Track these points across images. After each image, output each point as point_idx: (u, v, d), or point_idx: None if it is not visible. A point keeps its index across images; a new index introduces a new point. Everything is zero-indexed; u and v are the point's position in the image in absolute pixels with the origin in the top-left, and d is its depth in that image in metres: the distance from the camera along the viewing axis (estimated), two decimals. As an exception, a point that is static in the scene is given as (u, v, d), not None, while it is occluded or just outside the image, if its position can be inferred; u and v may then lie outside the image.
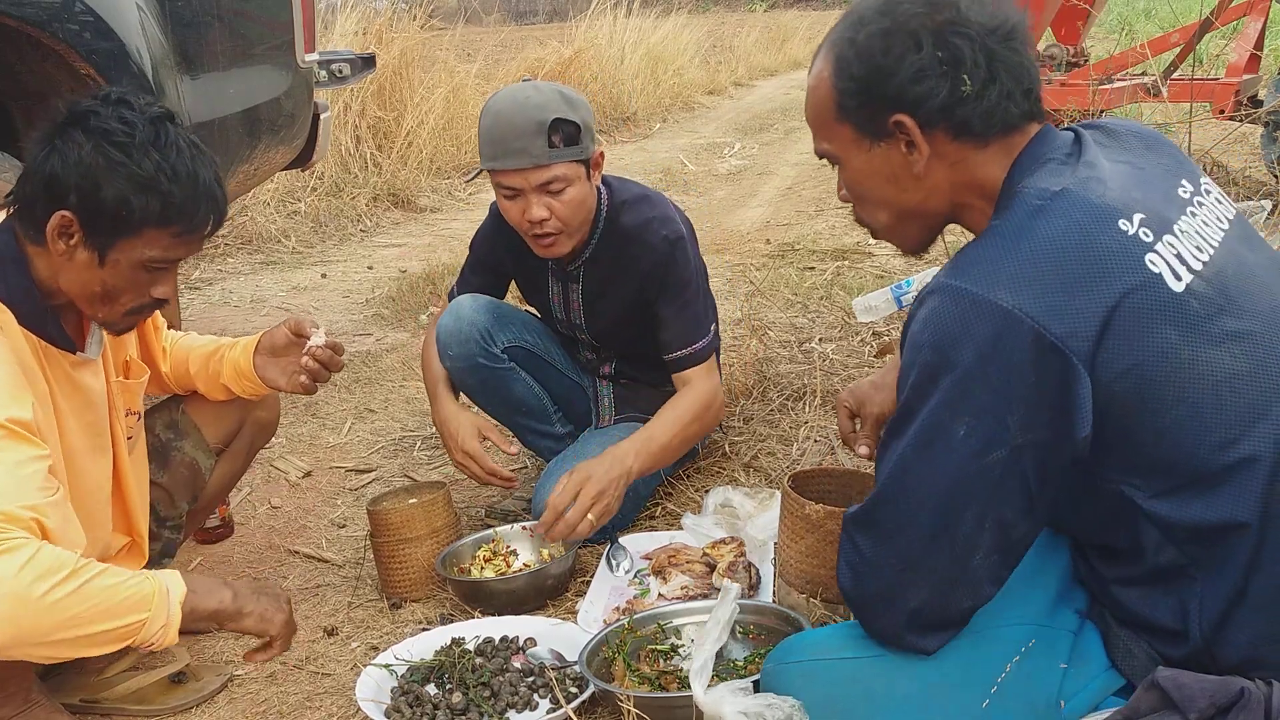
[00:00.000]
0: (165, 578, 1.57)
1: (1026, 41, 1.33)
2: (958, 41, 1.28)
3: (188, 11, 2.59)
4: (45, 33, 2.21)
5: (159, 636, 1.54)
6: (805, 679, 1.42)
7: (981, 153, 1.33)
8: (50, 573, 1.40)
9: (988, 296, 1.20)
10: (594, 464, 2.11)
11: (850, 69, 1.33)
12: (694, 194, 6.74)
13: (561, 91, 2.20)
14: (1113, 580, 1.34)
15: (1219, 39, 5.76)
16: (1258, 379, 1.22)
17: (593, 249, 2.34)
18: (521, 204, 2.18)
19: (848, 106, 1.35)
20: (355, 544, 2.48)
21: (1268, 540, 1.21)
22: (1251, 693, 1.15)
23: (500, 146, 2.14)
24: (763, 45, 14.33)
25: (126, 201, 1.56)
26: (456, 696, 1.77)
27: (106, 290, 1.64)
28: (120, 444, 1.86)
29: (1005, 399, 1.21)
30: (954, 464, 1.24)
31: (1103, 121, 1.47)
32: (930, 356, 1.24)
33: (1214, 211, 1.36)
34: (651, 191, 2.41)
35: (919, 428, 1.26)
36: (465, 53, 8.58)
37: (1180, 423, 1.21)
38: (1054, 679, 1.33)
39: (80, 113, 1.59)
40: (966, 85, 1.28)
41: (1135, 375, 1.20)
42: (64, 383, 1.70)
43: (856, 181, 1.41)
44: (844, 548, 1.37)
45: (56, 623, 1.42)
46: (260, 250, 5.39)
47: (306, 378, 1.97)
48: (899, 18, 1.30)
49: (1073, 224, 1.24)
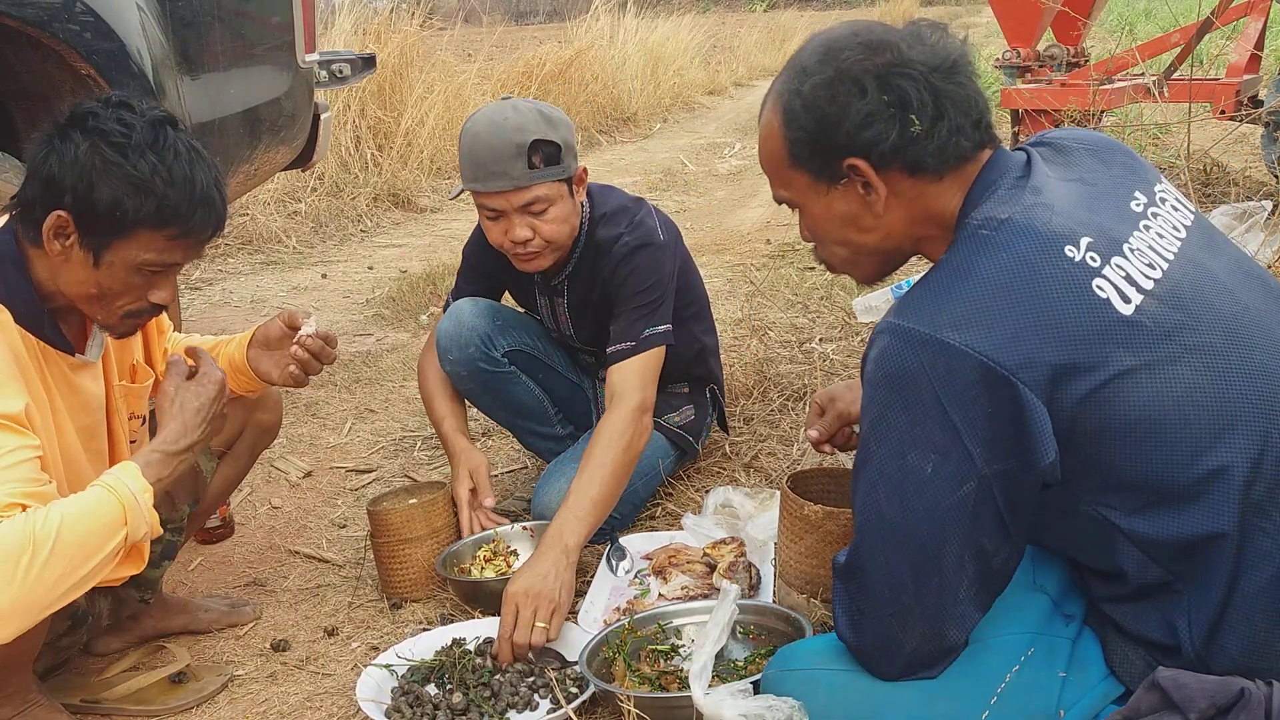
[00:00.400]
0: (121, 479, 1.57)
1: (971, 73, 1.34)
2: (902, 83, 1.30)
3: (188, 12, 2.59)
4: (46, 33, 2.21)
5: (146, 536, 1.58)
6: (806, 687, 1.42)
7: (937, 185, 1.35)
8: (19, 552, 1.41)
9: (935, 335, 1.22)
10: (525, 573, 1.94)
11: (799, 120, 1.34)
12: (694, 194, 6.74)
13: (541, 110, 2.19)
14: (1101, 599, 1.35)
15: (1219, 39, 5.76)
16: (1221, 391, 1.23)
17: (575, 263, 2.34)
18: (504, 225, 2.18)
19: (800, 155, 1.37)
20: (356, 544, 2.48)
21: (1247, 547, 1.22)
22: (1252, 693, 1.15)
23: (481, 169, 2.14)
24: (763, 45, 14.32)
25: (120, 202, 1.56)
26: (457, 697, 1.77)
27: (102, 292, 1.63)
28: (122, 447, 1.86)
29: (965, 433, 1.22)
30: (928, 502, 1.25)
31: (1053, 136, 1.48)
32: (886, 396, 1.26)
33: (1170, 220, 1.36)
34: (632, 202, 2.38)
35: (887, 472, 1.28)
36: (465, 53, 8.58)
37: (1147, 441, 1.22)
38: (1053, 688, 1.33)
39: (81, 114, 1.59)
40: (915, 125, 1.30)
41: (1095, 401, 1.21)
42: (61, 384, 1.69)
43: (817, 225, 1.43)
44: (839, 597, 1.38)
45: (49, 587, 1.44)
46: (261, 250, 5.39)
47: (296, 368, 1.96)
48: (841, 65, 1.31)
49: (1016, 257, 1.25)
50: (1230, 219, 3.16)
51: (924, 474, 1.25)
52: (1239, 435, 1.22)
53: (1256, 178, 4.98)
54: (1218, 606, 1.23)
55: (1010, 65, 5.21)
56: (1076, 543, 1.33)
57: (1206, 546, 1.23)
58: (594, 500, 2.05)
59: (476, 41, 8.97)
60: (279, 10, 3.06)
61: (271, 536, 2.55)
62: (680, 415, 2.52)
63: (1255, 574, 1.22)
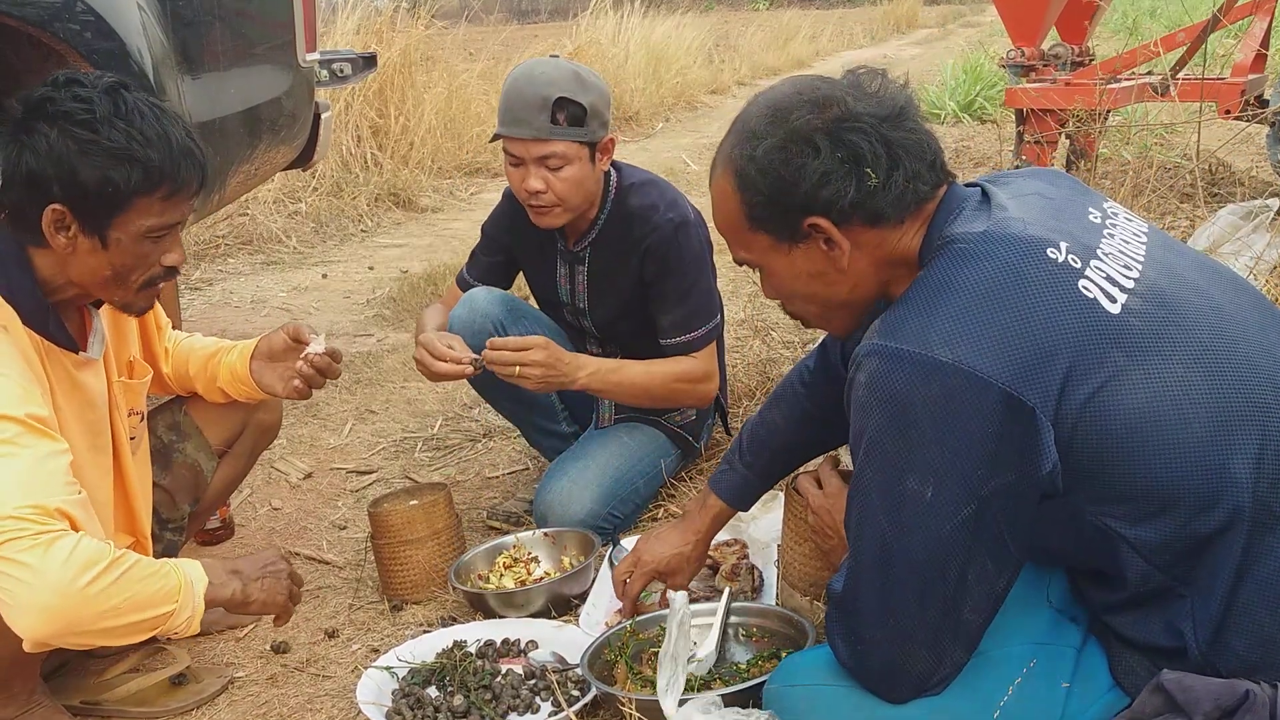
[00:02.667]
0: (188, 569, 1.59)
1: (918, 117, 1.34)
2: (853, 137, 1.29)
3: (189, 11, 2.58)
4: (46, 32, 2.20)
5: (184, 627, 1.56)
6: (809, 703, 1.41)
7: (898, 230, 1.35)
8: (91, 564, 1.42)
9: (927, 354, 1.20)
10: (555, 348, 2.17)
11: (755, 184, 1.34)
12: (697, 194, 6.71)
13: (579, 72, 2.22)
14: (1103, 609, 1.34)
15: (1225, 38, 5.74)
16: (1215, 388, 1.22)
17: (599, 230, 2.35)
18: (522, 172, 2.22)
19: (759, 218, 1.36)
20: (356, 546, 2.48)
21: (1251, 545, 1.21)
22: (1256, 695, 1.15)
23: (508, 114, 2.20)
24: (766, 44, 14.30)
25: (108, 178, 1.56)
26: (458, 699, 1.76)
27: (116, 272, 1.64)
28: (123, 444, 1.85)
29: (964, 453, 1.20)
30: (930, 527, 1.23)
31: (994, 175, 1.49)
32: (880, 421, 1.24)
33: (1126, 229, 1.36)
34: (661, 179, 2.43)
35: (886, 499, 1.25)
36: (468, 52, 8.57)
37: (1149, 443, 1.20)
38: (1056, 700, 1.32)
39: (36, 103, 1.57)
40: (872, 178, 1.30)
41: (1094, 405, 1.19)
42: (65, 382, 1.69)
43: (782, 284, 1.43)
44: (838, 627, 1.35)
45: (96, 613, 1.44)
46: (261, 250, 5.38)
47: (301, 383, 1.97)
48: (791, 125, 1.31)
49: (999, 263, 1.24)
50: (1236, 219, 3.15)
51: (924, 499, 1.22)
52: (1238, 431, 1.21)
53: (1262, 177, 4.96)
54: (1222, 606, 1.22)
55: (1015, 64, 5.19)
56: (1078, 554, 1.31)
57: (1212, 547, 1.22)
58: (619, 382, 2.26)
59: (479, 40, 8.96)
60: (280, 9, 3.05)
61: (272, 538, 2.55)
62: (681, 415, 2.51)
63: (1260, 571, 1.22)
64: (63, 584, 1.39)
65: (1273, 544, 1.21)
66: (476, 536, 2.46)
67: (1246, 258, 2.94)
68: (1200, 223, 3.48)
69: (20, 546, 1.38)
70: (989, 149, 6.57)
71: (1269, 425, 1.22)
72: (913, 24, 20.47)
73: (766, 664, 1.74)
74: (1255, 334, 1.28)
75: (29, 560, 1.38)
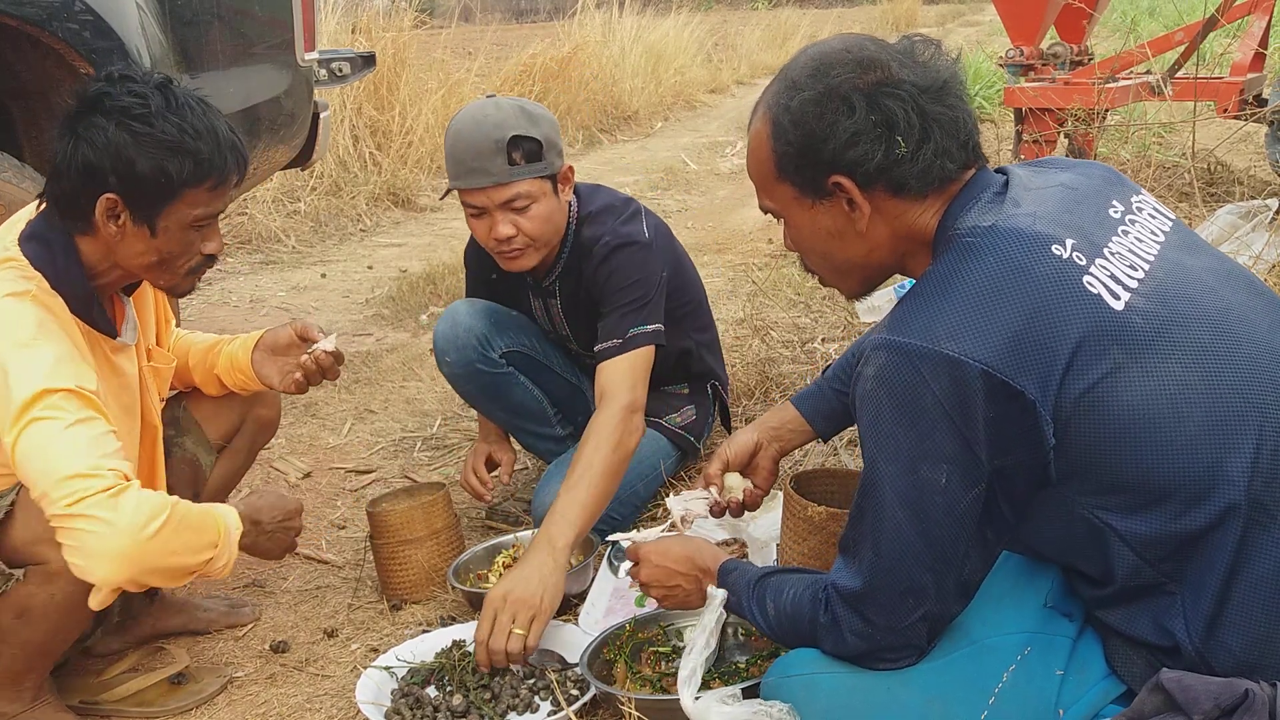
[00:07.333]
0: (226, 516, 1.67)
1: (961, 94, 1.35)
2: (890, 103, 1.30)
3: (188, 10, 2.58)
4: (45, 31, 2.21)
5: (221, 571, 1.64)
6: (806, 692, 1.43)
7: (920, 204, 1.36)
8: (156, 513, 1.52)
9: (934, 348, 1.22)
10: (507, 577, 1.90)
11: (786, 134, 1.35)
12: (696, 193, 6.73)
13: (523, 107, 2.17)
14: (1093, 603, 1.35)
15: (1223, 36, 5.75)
16: (1212, 387, 1.23)
17: (564, 263, 2.33)
18: (488, 222, 2.17)
19: (787, 169, 1.38)
20: (355, 545, 2.48)
21: (1245, 543, 1.22)
22: (1256, 694, 1.15)
23: (462, 166, 2.13)
24: (765, 43, 14.29)
25: (163, 169, 1.63)
26: (457, 699, 1.76)
27: (163, 258, 1.71)
28: (155, 425, 1.92)
29: (973, 439, 1.23)
30: (945, 510, 1.27)
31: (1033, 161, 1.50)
32: (891, 413, 1.27)
33: (1147, 226, 1.38)
34: (620, 201, 2.36)
35: (900, 488, 1.28)
36: (465, 51, 8.56)
37: (1142, 439, 1.22)
38: (1051, 687, 1.33)
39: (93, 98, 1.64)
40: (901, 147, 1.31)
41: (1090, 399, 1.21)
42: (104, 366, 1.75)
43: (801, 237, 1.45)
44: (846, 623, 1.36)
45: (160, 556, 1.53)
46: (260, 250, 5.38)
47: (300, 376, 2.00)
48: (831, 81, 1.32)
49: (1004, 258, 1.26)
50: (1235, 218, 3.16)
51: (938, 485, 1.26)
52: (1233, 430, 1.22)
53: (1261, 177, 4.96)
54: (1216, 603, 1.23)
55: (1013, 63, 5.19)
56: (1070, 548, 1.33)
57: (1204, 543, 1.23)
58: (582, 502, 1.99)
59: (477, 39, 8.95)
60: (279, 9, 3.05)
61: (271, 537, 2.54)
62: (681, 415, 2.51)
63: (1254, 569, 1.22)
64: (133, 531, 1.48)
65: (1267, 542, 1.22)
66: (475, 536, 2.46)
67: (1245, 257, 2.95)
68: (1198, 222, 3.49)
69: (92, 503, 1.47)
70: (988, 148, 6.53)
71: (1266, 425, 1.23)
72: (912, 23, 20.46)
73: (765, 664, 1.74)
74: (1263, 335, 1.29)
75: (101, 514, 1.47)
